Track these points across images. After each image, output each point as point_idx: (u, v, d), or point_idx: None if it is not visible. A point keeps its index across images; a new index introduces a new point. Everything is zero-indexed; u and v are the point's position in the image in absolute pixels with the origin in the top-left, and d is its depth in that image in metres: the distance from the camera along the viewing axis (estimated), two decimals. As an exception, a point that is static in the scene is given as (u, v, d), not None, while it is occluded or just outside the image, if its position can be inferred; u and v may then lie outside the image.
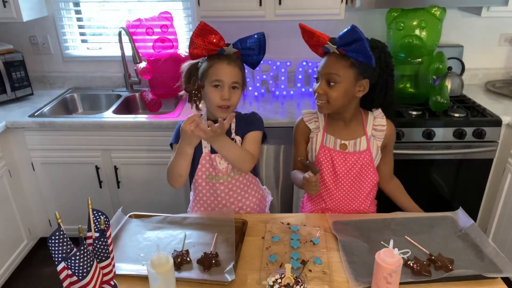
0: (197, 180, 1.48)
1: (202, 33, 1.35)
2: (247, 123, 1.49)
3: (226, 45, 1.38)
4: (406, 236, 1.25)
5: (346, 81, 1.33)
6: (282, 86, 2.51)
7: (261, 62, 1.47)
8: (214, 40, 1.36)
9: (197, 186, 1.49)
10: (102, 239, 0.92)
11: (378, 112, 1.47)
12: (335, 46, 1.30)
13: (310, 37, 1.34)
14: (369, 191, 1.48)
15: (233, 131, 1.47)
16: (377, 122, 1.45)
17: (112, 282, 0.99)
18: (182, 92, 1.42)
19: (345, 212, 1.48)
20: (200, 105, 1.47)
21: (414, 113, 2.17)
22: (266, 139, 1.54)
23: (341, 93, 1.34)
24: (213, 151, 1.43)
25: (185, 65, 1.47)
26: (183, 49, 2.58)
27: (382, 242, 1.22)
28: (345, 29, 1.27)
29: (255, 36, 1.38)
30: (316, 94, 1.38)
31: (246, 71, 1.47)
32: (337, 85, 1.33)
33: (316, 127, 1.48)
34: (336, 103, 1.36)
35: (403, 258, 1.12)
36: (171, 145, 1.53)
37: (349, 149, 1.43)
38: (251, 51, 1.40)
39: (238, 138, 1.46)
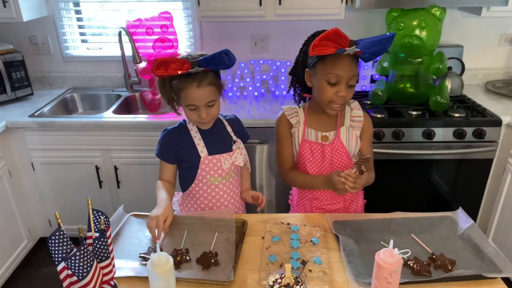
0: (197, 185, 1.46)
1: (161, 66, 1.22)
2: (240, 126, 1.53)
3: (192, 64, 1.24)
4: (412, 235, 1.26)
5: (357, 80, 1.36)
6: (282, 86, 2.50)
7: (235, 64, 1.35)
8: (177, 67, 1.23)
9: (198, 190, 1.47)
10: (102, 239, 0.92)
11: (355, 104, 1.50)
12: (357, 49, 1.27)
13: (334, 38, 1.24)
14: None
15: (232, 133, 1.49)
16: (354, 113, 1.48)
17: (112, 282, 0.99)
18: (159, 96, 1.40)
19: (335, 200, 1.51)
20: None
21: (414, 113, 2.17)
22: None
23: (353, 93, 1.37)
24: (211, 153, 1.42)
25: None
26: (183, 49, 2.58)
27: (382, 242, 1.22)
28: (381, 36, 1.27)
29: (218, 54, 1.25)
30: (338, 98, 1.33)
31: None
32: (354, 86, 1.35)
33: (297, 122, 1.48)
34: (348, 102, 1.39)
35: (403, 258, 1.12)
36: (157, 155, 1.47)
37: (330, 140, 1.46)
38: (219, 63, 1.28)
39: (239, 140, 1.49)
